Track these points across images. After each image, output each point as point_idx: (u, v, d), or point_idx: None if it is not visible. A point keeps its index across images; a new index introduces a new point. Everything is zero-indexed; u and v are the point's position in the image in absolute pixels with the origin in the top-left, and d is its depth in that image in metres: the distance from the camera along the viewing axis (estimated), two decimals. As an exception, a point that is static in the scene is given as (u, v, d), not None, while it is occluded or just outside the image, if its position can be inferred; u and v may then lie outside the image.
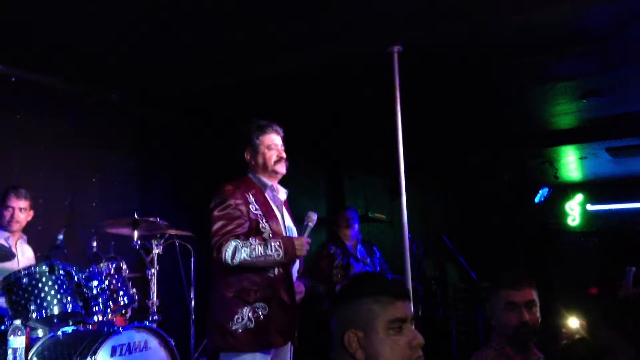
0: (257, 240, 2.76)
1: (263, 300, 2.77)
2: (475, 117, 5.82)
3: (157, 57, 4.22)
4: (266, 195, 2.96)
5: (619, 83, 4.88)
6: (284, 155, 3.02)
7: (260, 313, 2.76)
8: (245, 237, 2.76)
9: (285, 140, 3.11)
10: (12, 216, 3.77)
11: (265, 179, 2.99)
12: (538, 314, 2.37)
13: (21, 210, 3.80)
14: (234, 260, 2.72)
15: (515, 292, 2.35)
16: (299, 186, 6.84)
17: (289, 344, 2.92)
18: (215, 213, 2.80)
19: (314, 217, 2.95)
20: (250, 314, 2.74)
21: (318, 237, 6.28)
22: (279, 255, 2.77)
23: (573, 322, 3.77)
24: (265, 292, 2.79)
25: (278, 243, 2.78)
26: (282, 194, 3.07)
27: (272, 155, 2.99)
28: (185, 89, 4.86)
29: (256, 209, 2.86)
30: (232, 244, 2.72)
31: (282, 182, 3.13)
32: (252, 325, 2.73)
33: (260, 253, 2.74)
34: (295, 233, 3.05)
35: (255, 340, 2.73)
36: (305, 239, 2.89)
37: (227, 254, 2.71)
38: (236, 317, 2.74)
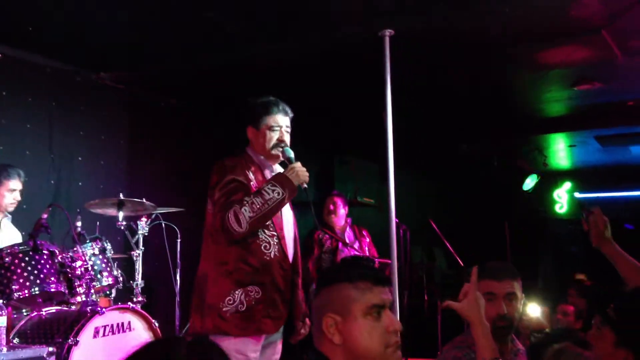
0: (250, 196, 2.64)
1: (257, 284, 2.66)
2: (466, 104, 5.80)
3: (147, 36, 4.16)
4: (265, 174, 2.86)
5: (610, 72, 4.87)
6: (285, 138, 2.88)
7: (253, 296, 2.64)
8: (239, 200, 2.63)
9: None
10: (14, 199, 3.73)
11: (264, 159, 2.88)
12: (518, 307, 2.36)
13: (19, 192, 3.76)
14: (243, 225, 2.58)
15: (495, 282, 2.34)
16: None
17: (280, 333, 2.83)
18: (217, 192, 2.69)
19: (288, 148, 2.87)
20: (242, 297, 2.62)
21: (308, 222, 6.28)
22: (279, 193, 2.64)
23: (534, 310, 3.78)
24: (261, 274, 2.68)
25: (271, 183, 2.67)
26: None
27: (272, 138, 2.85)
28: (175, 69, 4.80)
29: (256, 187, 2.74)
30: (231, 211, 2.59)
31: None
32: (243, 309, 2.62)
33: (261, 202, 2.61)
34: (292, 215, 2.96)
35: (245, 325, 2.62)
36: (297, 165, 2.77)
37: (232, 224, 2.58)
38: (228, 299, 2.62)
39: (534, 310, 4.20)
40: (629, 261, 2.18)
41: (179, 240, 4.30)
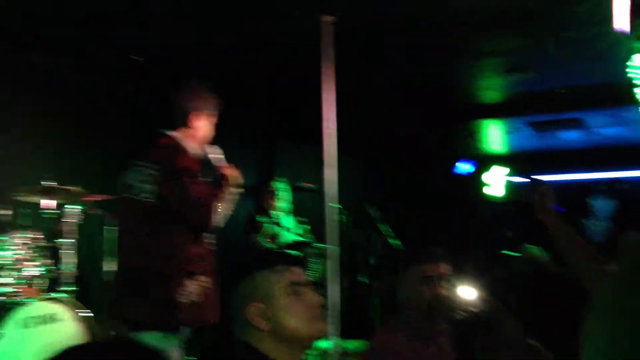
0: (219, 192, 2.73)
1: (206, 274, 2.69)
2: (406, 90, 5.86)
3: (78, 17, 4.00)
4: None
5: (543, 60, 5.01)
6: None
7: (203, 286, 2.66)
8: (213, 194, 2.70)
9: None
10: None
11: (194, 149, 2.86)
12: (450, 289, 2.44)
13: None
14: (220, 222, 2.70)
15: (430, 265, 2.40)
16: (227, 155, 6.71)
17: None
18: (188, 180, 2.63)
19: (215, 149, 2.94)
20: (195, 287, 2.62)
21: (246, 207, 6.23)
22: (231, 194, 2.78)
23: (467, 292, 3.87)
24: (206, 264, 2.71)
25: (227, 184, 2.78)
26: None
27: (209, 134, 2.93)
28: (108, 51, 4.64)
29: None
30: (212, 207, 2.65)
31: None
32: (197, 299, 2.62)
33: (230, 201, 2.74)
34: None
35: (201, 314, 2.65)
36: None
37: (215, 220, 2.66)
38: (182, 290, 2.59)
39: (467, 292, 4.30)
40: (570, 234, 2.22)
41: (108, 227, 4.16)
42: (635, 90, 4.27)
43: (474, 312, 2.86)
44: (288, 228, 5.28)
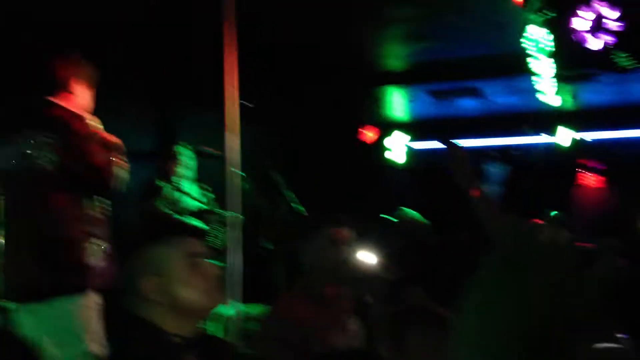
0: (114, 158, 2.76)
1: (107, 240, 2.75)
2: (308, 56, 5.83)
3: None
4: None
5: (442, 29, 5.13)
6: None
7: (109, 251, 2.73)
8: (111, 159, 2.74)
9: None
10: None
11: (82, 114, 2.82)
12: (353, 254, 2.49)
13: None
14: (119, 187, 2.76)
15: (334, 230, 2.44)
16: (125, 118, 6.41)
17: None
18: (91, 147, 2.67)
19: (95, 119, 2.91)
20: (100, 252, 2.69)
21: (145, 173, 6.00)
22: (123, 162, 2.81)
23: (366, 257, 3.98)
24: (106, 230, 2.77)
25: (116, 152, 2.79)
26: None
27: (90, 103, 2.89)
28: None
29: None
30: (114, 173, 2.71)
31: (105, 114, 2.93)
32: (103, 264, 2.68)
33: (123, 168, 2.79)
34: None
35: (106, 277, 2.69)
36: None
37: (118, 182, 2.72)
38: (90, 253, 2.64)
39: (366, 256, 4.38)
40: (487, 199, 2.14)
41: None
42: (529, 60, 4.46)
43: (377, 278, 2.93)
44: (190, 194, 5.14)
